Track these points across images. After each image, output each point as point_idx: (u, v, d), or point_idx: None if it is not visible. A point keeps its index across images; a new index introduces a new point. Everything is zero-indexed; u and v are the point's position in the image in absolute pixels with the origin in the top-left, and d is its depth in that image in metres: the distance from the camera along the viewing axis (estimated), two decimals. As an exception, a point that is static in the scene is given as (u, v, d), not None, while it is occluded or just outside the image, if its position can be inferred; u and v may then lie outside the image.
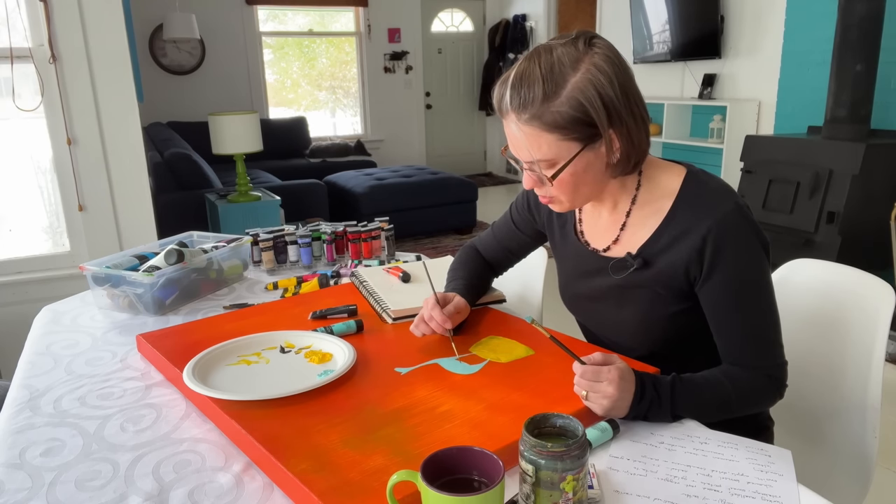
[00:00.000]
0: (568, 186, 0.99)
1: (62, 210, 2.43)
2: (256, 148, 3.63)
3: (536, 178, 1.00)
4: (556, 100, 0.91)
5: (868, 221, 3.18)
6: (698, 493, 0.78)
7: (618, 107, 0.93)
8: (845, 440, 1.20)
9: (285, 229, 1.77)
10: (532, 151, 0.95)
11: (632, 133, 0.96)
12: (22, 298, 2.40)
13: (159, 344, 1.17)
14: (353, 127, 7.38)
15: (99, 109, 2.36)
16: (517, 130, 0.95)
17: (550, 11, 6.78)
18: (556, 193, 1.01)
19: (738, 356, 1.01)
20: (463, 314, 1.22)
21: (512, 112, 0.95)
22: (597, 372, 0.90)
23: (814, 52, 3.85)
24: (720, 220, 0.96)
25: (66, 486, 0.82)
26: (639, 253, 1.04)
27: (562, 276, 1.22)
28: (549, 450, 0.70)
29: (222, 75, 6.42)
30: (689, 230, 0.99)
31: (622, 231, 1.08)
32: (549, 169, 0.97)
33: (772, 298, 1.01)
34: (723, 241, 0.96)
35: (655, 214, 1.04)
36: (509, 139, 0.99)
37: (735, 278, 0.98)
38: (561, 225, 1.20)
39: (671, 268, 1.01)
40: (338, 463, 0.80)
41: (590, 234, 1.14)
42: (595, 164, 0.97)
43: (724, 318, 1.01)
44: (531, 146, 0.95)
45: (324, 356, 1.10)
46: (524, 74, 0.93)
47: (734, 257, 0.97)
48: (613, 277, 1.07)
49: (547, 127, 0.92)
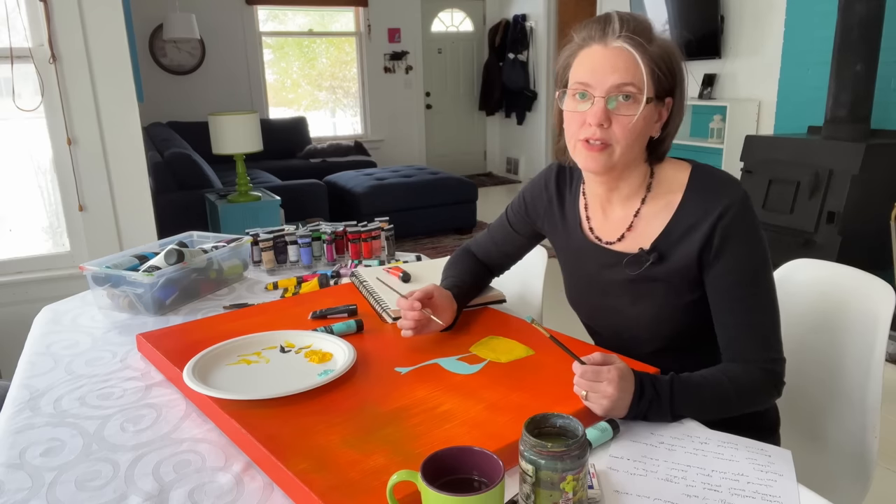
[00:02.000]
0: (631, 131, 1.00)
1: (62, 210, 2.43)
2: (256, 148, 3.63)
3: (608, 113, 0.99)
4: (657, 41, 0.99)
5: (868, 221, 3.18)
6: (698, 493, 0.78)
7: (683, 80, 1.02)
8: (845, 440, 1.20)
9: (285, 229, 1.77)
10: (629, 74, 0.97)
11: (677, 116, 1.04)
12: (22, 298, 2.40)
13: (159, 343, 1.17)
14: (353, 127, 7.38)
15: (99, 109, 2.36)
16: (621, 50, 0.98)
17: (550, 11, 6.78)
18: (619, 136, 1.00)
19: (738, 349, 1.02)
20: (445, 303, 1.18)
21: (621, 34, 0.98)
22: (596, 372, 0.90)
23: (814, 52, 3.85)
24: (730, 206, 0.99)
25: (66, 486, 0.82)
26: (653, 248, 1.05)
27: (568, 275, 1.22)
28: (549, 450, 0.70)
29: (222, 75, 6.41)
30: (701, 219, 1.01)
31: (633, 225, 1.09)
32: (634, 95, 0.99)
33: (773, 293, 1.03)
34: (732, 227, 0.99)
35: (666, 208, 1.06)
36: (596, 67, 0.99)
37: (741, 265, 1.00)
38: (564, 223, 1.20)
39: (685, 258, 1.03)
40: (338, 463, 0.80)
41: (599, 230, 1.15)
42: (649, 122, 1.02)
43: (728, 307, 1.02)
44: (630, 68, 0.97)
45: (324, 356, 1.10)
46: (627, 13, 1.00)
47: (742, 244, 1.00)
48: (627, 273, 1.08)
49: (647, 57, 0.98)
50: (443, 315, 1.18)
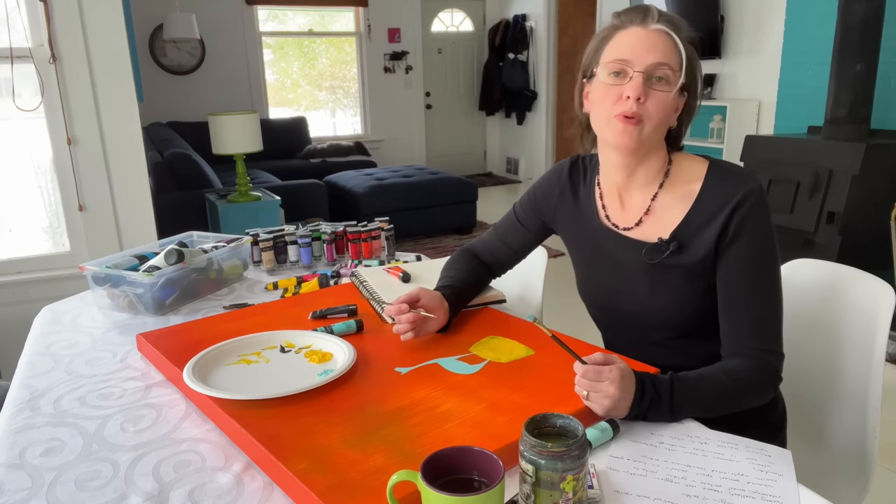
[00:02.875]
0: (666, 109, 1.04)
1: (62, 210, 2.43)
2: (256, 148, 3.63)
3: (646, 89, 1.03)
4: (688, 38, 1.04)
5: (868, 221, 3.18)
6: (698, 493, 0.78)
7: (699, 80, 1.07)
8: (845, 440, 1.20)
9: (285, 229, 1.77)
10: (668, 54, 1.02)
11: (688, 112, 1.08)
12: (22, 298, 2.40)
13: (159, 343, 1.17)
14: (353, 127, 7.38)
15: (99, 109, 2.36)
16: (661, 33, 1.02)
17: (550, 11, 6.78)
18: (652, 112, 1.03)
19: (739, 338, 1.03)
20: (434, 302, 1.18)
21: (661, 20, 1.03)
22: (598, 372, 0.90)
23: (814, 52, 3.85)
24: (748, 195, 1.02)
25: (66, 486, 0.82)
26: (673, 237, 1.07)
27: (582, 266, 1.22)
28: (549, 450, 0.70)
29: (222, 75, 6.41)
30: (720, 208, 1.03)
31: (650, 210, 1.11)
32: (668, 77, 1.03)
33: (779, 287, 1.04)
34: (749, 213, 1.02)
35: (684, 197, 1.08)
36: (636, 46, 1.03)
37: (751, 254, 1.02)
38: (579, 213, 1.21)
39: (704, 247, 1.05)
40: (338, 462, 0.80)
41: (615, 217, 1.16)
42: (672, 107, 1.05)
43: (733, 294, 1.04)
44: (669, 50, 1.02)
45: (324, 356, 1.10)
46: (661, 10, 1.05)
47: (754, 233, 1.02)
48: (645, 260, 1.09)
49: (684, 47, 1.03)
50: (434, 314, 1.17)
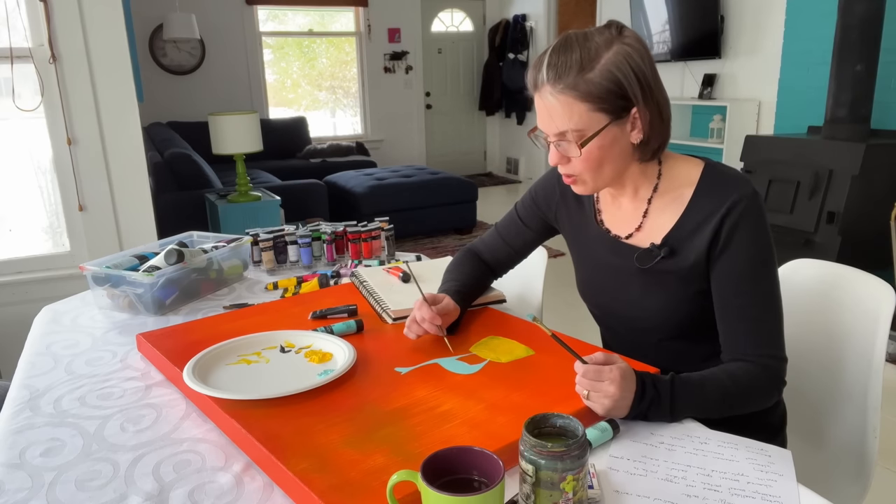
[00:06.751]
0: (593, 162, 1.02)
1: (62, 210, 2.43)
2: (256, 148, 3.63)
3: (562, 154, 1.03)
4: (591, 72, 0.96)
5: (868, 221, 3.18)
6: (698, 493, 0.78)
7: (648, 84, 0.98)
8: (845, 440, 1.20)
9: (285, 229, 1.77)
10: (564, 121, 0.99)
11: (654, 116, 1.01)
12: (22, 298, 2.40)
13: (159, 343, 1.17)
14: (353, 127, 7.38)
15: (99, 109, 2.36)
16: (551, 99, 0.99)
17: (550, 11, 6.78)
18: (580, 170, 1.03)
19: (739, 345, 1.02)
20: (452, 315, 1.21)
21: (547, 83, 0.98)
22: (598, 371, 0.90)
23: (814, 52, 3.85)
24: (737, 201, 1.00)
25: (66, 486, 0.82)
26: (664, 242, 1.07)
27: (581, 266, 1.23)
28: (549, 450, 0.70)
29: (222, 75, 6.42)
30: (711, 213, 1.02)
31: (644, 218, 1.10)
32: (578, 140, 1.00)
33: (777, 291, 1.03)
34: (740, 220, 1.00)
35: (677, 202, 1.07)
36: (540, 114, 1.03)
37: (745, 260, 1.01)
38: (577, 216, 1.21)
39: (695, 253, 1.04)
40: (338, 462, 0.80)
41: (610, 223, 1.16)
42: (620, 141, 1.01)
43: (730, 302, 1.03)
44: (563, 115, 0.98)
45: (324, 356, 1.10)
46: (561, 49, 0.98)
47: (748, 237, 1.00)
48: (638, 265, 1.09)
49: (580, 96, 0.96)
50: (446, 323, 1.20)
